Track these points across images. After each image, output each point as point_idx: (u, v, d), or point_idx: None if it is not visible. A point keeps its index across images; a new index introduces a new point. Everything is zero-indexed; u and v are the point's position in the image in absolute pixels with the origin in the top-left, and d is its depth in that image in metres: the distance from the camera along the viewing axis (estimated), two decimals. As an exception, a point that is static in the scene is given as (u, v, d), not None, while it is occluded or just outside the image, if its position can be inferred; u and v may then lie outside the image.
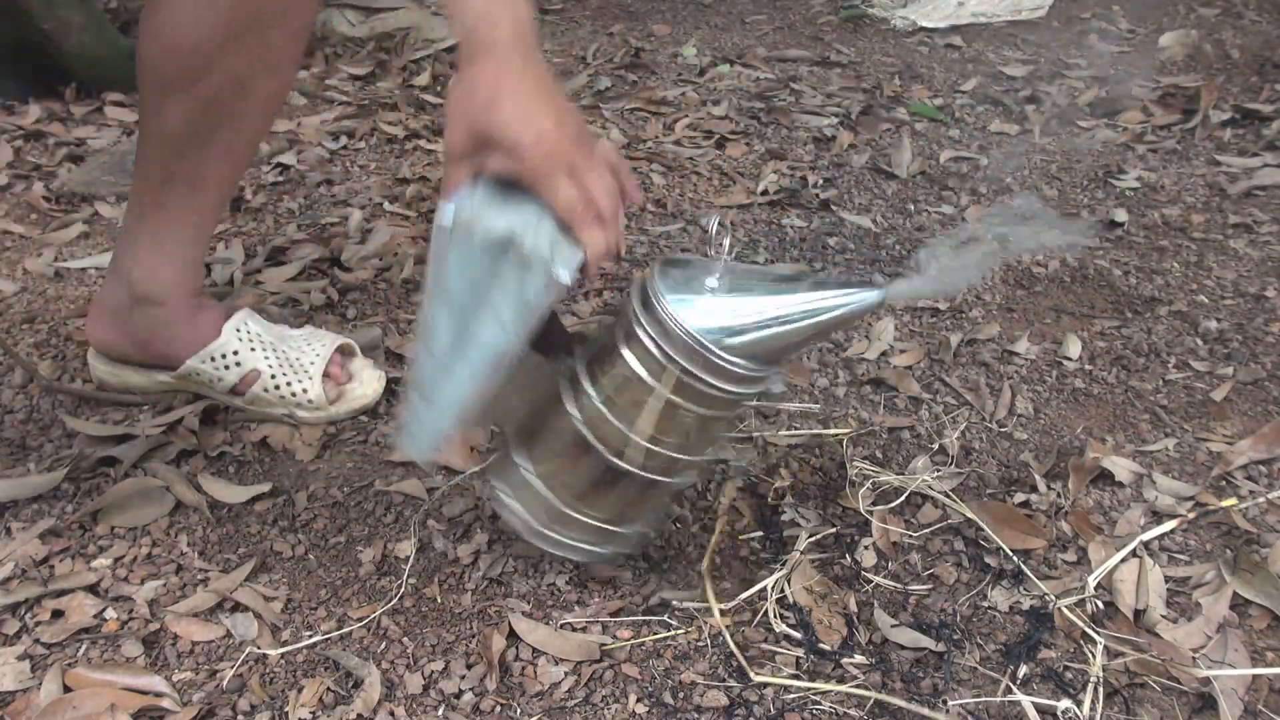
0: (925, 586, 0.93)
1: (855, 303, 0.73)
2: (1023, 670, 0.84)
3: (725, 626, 0.87)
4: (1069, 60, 2.39)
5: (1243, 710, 0.81)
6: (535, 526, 0.83)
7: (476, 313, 0.72)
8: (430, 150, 1.79)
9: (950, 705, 0.81)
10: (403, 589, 0.90)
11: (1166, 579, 0.93)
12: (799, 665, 0.84)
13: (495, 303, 0.72)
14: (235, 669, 0.81)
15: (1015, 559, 0.95)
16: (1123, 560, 0.94)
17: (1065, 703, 0.80)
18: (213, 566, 0.91)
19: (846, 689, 0.81)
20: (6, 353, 1.15)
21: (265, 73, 0.93)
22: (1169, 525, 0.99)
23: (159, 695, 0.79)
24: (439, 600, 0.89)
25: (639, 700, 0.80)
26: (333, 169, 1.70)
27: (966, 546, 0.97)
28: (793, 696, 0.81)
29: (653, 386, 0.74)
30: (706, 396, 0.74)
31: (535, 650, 0.84)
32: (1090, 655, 0.85)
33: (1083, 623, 0.88)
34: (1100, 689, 0.82)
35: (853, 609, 0.89)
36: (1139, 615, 0.90)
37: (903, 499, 1.02)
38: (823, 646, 0.85)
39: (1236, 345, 1.30)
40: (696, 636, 0.86)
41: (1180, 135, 1.97)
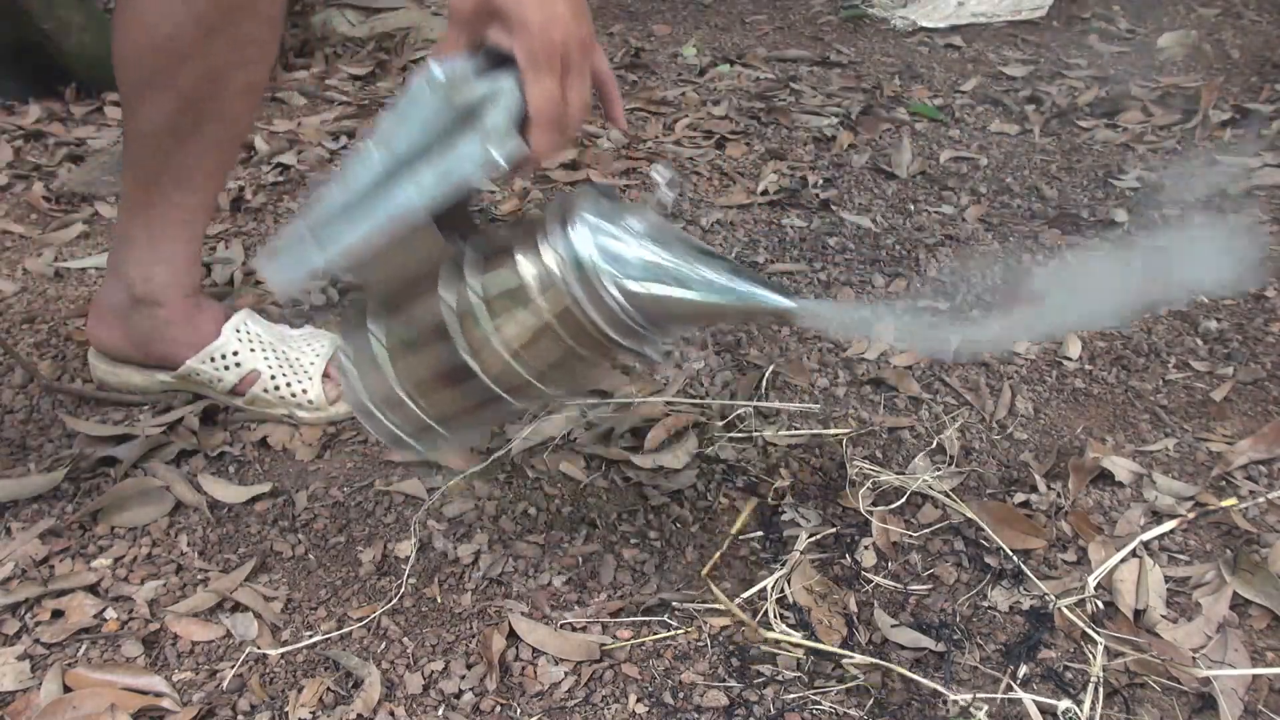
0: (925, 586, 0.93)
1: (760, 300, 0.71)
2: (1023, 670, 0.84)
3: (739, 623, 0.87)
4: (1069, 60, 2.39)
5: (1243, 710, 0.81)
6: (364, 401, 0.80)
7: (405, 166, 0.70)
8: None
9: (950, 705, 0.81)
10: (403, 589, 0.90)
11: (1166, 579, 0.93)
12: (799, 665, 0.84)
13: (425, 164, 0.70)
14: (235, 669, 0.81)
15: (1015, 559, 0.95)
16: (1123, 560, 0.94)
17: (1065, 703, 0.80)
18: (213, 566, 0.91)
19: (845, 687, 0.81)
20: (7, 353, 1.15)
21: (240, 64, 0.92)
22: (1169, 525, 0.99)
23: (159, 695, 0.79)
24: (439, 600, 0.89)
25: (639, 700, 0.80)
26: (333, 169, 1.70)
27: (966, 546, 0.97)
28: (793, 696, 0.81)
29: (535, 302, 0.71)
30: (584, 332, 0.71)
31: (535, 650, 0.84)
32: (1090, 655, 0.85)
33: (1083, 623, 0.88)
34: (1100, 689, 0.82)
35: (853, 609, 0.89)
36: (1139, 615, 0.90)
37: (903, 499, 1.02)
38: (823, 646, 0.85)
39: (1236, 345, 1.30)
40: (696, 636, 0.86)
41: (1180, 135, 1.97)
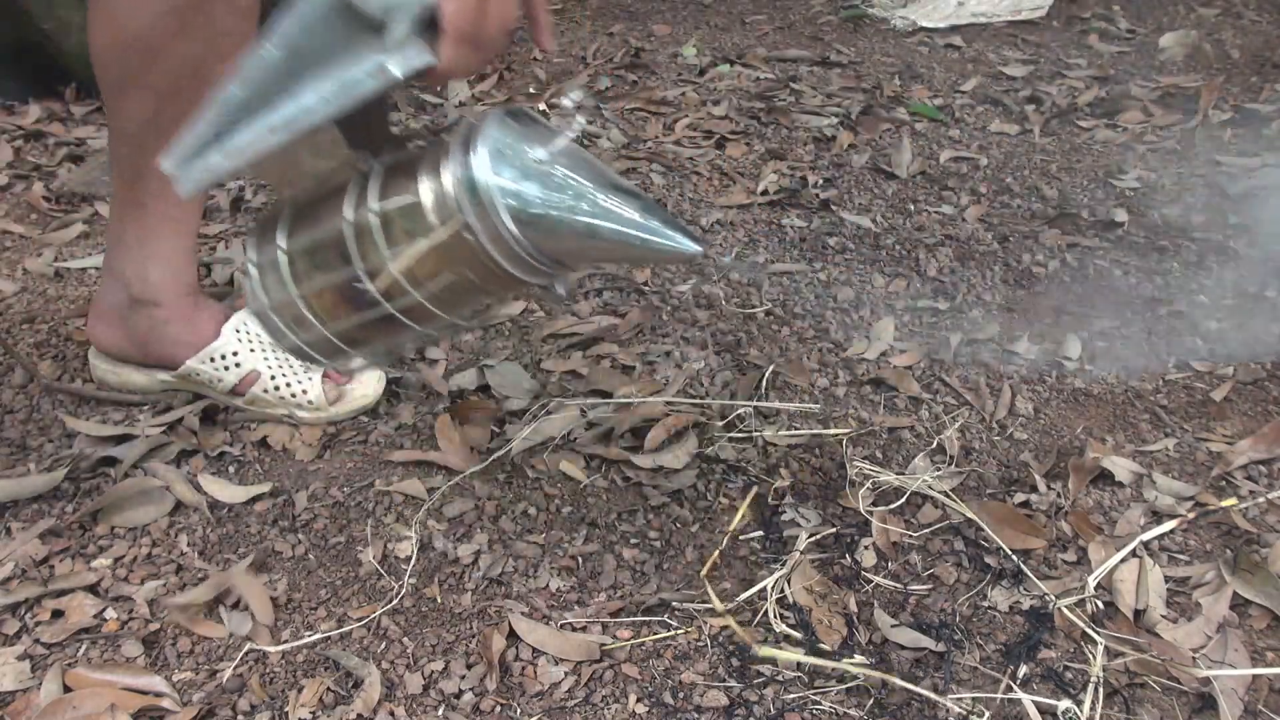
0: (925, 586, 0.93)
1: (663, 242, 0.69)
2: (1023, 670, 0.84)
3: (737, 624, 0.87)
4: (1069, 60, 2.39)
5: (1243, 710, 0.81)
6: (266, 310, 0.78)
7: (309, 71, 0.68)
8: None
9: (950, 705, 0.81)
10: (403, 589, 0.90)
11: (1166, 579, 0.93)
12: (799, 665, 0.84)
13: (328, 70, 0.67)
14: (235, 669, 0.81)
15: (1015, 559, 0.95)
16: (1123, 560, 0.94)
17: (1065, 703, 0.80)
18: (213, 566, 0.91)
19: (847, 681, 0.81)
20: (7, 352, 1.15)
21: (216, 57, 0.91)
22: (1169, 525, 0.99)
23: (159, 695, 0.79)
24: (439, 600, 0.89)
25: (639, 700, 0.80)
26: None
27: (966, 546, 0.97)
28: (793, 696, 0.81)
29: (432, 225, 0.69)
30: (478, 261, 0.70)
31: (535, 650, 0.84)
32: (1090, 655, 0.85)
33: (1083, 623, 0.88)
34: (1100, 689, 0.82)
35: (853, 609, 0.89)
36: (1139, 615, 0.90)
37: (903, 499, 1.02)
38: (823, 646, 0.85)
39: (1236, 345, 1.30)
40: (696, 636, 0.86)
41: (1180, 135, 1.97)
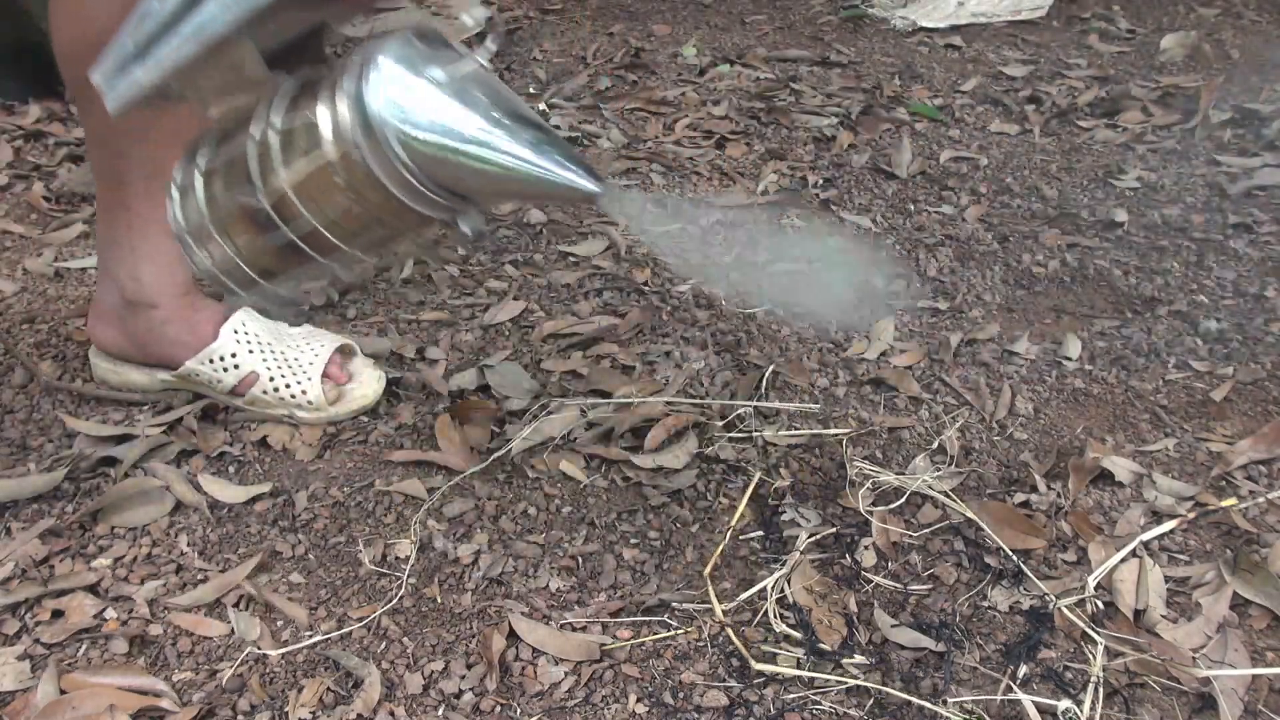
0: (925, 586, 0.93)
1: (561, 177, 0.67)
2: (1023, 670, 0.84)
3: (736, 625, 0.87)
4: (1069, 60, 2.39)
5: (1243, 710, 0.81)
6: (184, 231, 0.76)
7: None
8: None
9: (950, 705, 0.81)
10: (403, 589, 0.90)
11: (1166, 579, 0.93)
12: (799, 665, 0.84)
13: None
14: (235, 669, 0.81)
15: (1015, 559, 0.95)
16: (1123, 560, 0.94)
17: (1065, 703, 0.80)
18: (213, 566, 0.91)
19: (847, 680, 0.81)
20: (7, 352, 1.15)
21: None
22: (1169, 525, 0.99)
23: (158, 695, 0.79)
24: (439, 600, 0.89)
25: (639, 700, 0.80)
26: None
27: (966, 546, 0.97)
28: (793, 696, 0.81)
29: (324, 148, 0.68)
30: (370, 187, 0.68)
31: (535, 650, 0.84)
32: (1090, 655, 0.85)
33: (1083, 623, 0.88)
34: (1100, 689, 0.82)
35: (853, 609, 0.89)
36: (1139, 615, 0.90)
37: (903, 499, 1.02)
38: (823, 646, 0.85)
39: (1236, 345, 1.30)
40: (696, 636, 0.86)
41: (1180, 135, 1.97)
